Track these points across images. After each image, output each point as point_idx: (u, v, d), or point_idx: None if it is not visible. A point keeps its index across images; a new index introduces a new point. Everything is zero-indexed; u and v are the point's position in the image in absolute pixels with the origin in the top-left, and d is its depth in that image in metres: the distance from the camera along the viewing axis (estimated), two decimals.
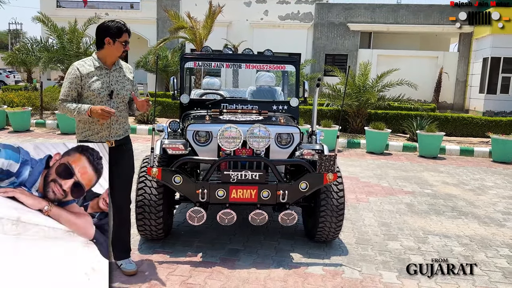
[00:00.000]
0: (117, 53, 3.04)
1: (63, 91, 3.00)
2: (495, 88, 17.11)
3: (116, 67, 3.10)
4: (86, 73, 2.98)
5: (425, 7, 19.80)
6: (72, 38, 12.40)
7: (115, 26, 2.99)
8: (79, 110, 2.92)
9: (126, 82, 3.14)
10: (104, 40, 2.98)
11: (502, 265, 3.74)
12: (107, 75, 3.05)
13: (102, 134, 3.04)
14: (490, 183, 6.99)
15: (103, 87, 3.00)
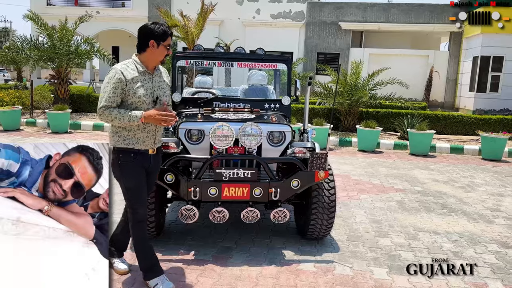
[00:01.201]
0: (160, 57, 2.88)
1: (106, 97, 2.76)
2: (484, 87, 17.28)
3: (157, 72, 2.97)
4: (131, 78, 2.80)
5: (416, 6, 19.94)
6: (63, 37, 12.29)
7: (161, 29, 2.83)
8: (130, 118, 2.73)
9: (166, 87, 3.01)
10: (148, 42, 2.81)
11: (491, 260, 3.80)
12: (150, 81, 2.89)
13: (147, 142, 2.90)
14: (480, 180, 7.08)
15: (147, 93, 2.84)
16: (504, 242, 4.28)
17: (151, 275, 2.99)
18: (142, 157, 2.89)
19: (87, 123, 10.88)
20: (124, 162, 2.86)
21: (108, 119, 2.78)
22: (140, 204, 2.96)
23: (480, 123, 11.51)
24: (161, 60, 2.90)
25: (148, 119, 2.76)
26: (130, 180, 2.90)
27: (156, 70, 2.95)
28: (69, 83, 13.01)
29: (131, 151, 2.86)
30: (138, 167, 2.89)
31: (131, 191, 2.93)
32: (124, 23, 22.25)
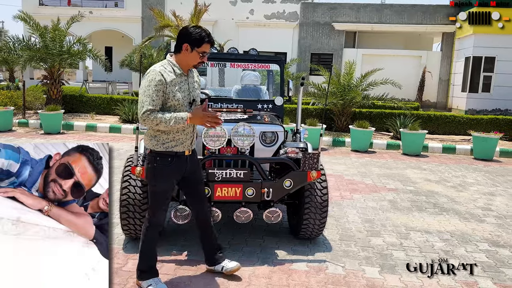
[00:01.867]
0: (192, 62, 2.83)
1: (149, 101, 2.69)
2: (477, 87, 17.44)
3: (191, 73, 2.95)
4: (170, 81, 2.76)
5: (409, 7, 20.07)
6: (55, 37, 12.22)
7: (197, 34, 2.77)
8: (176, 120, 2.69)
9: (198, 88, 3.01)
10: (183, 45, 2.78)
11: (481, 259, 3.83)
12: (186, 82, 2.87)
13: (186, 143, 2.88)
14: (471, 180, 7.14)
15: (185, 96, 2.83)
16: (495, 241, 4.32)
17: (146, 276, 2.99)
18: (179, 160, 2.88)
19: (80, 124, 10.83)
20: (160, 165, 2.85)
21: (153, 123, 2.70)
22: (160, 209, 2.96)
23: (472, 123, 11.60)
24: (192, 65, 2.86)
25: (193, 120, 2.75)
26: (162, 185, 2.90)
27: (189, 71, 2.94)
28: (61, 83, 12.93)
29: (169, 154, 2.84)
30: (173, 172, 2.89)
31: (158, 195, 2.92)
32: (117, 23, 22.17)
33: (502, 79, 17.04)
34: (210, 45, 2.83)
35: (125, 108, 11.58)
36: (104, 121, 11.71)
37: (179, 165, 2.89)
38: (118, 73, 22.11)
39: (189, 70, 2.92)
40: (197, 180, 3.07)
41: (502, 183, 6.97)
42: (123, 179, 3.57)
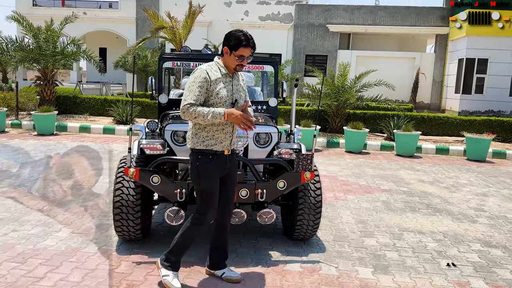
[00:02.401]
0: (231, 64, 2.91)
1: (192, 95, 2.81)
2: (470, 89, 17.58)
3: (236, 75, 3.03)
4: (215, 79, 2.87)
5: (402, 9, 20.20)
6: (49, 38, 12.16)
7: (235, 37, 2.85)
8: (213, 114, 2.77)
9: (242, 91, 3.07)
10: (223, 48, 2.89)
11: (474, 259, 3.86)
12: (230, 83, 2.95)
13: (225, 143, 2.94)
14: (464, 180, 7.19)
15: (228, 95, 2.91)
16: (487, 241, 4.35)
17: (169, 265, 3.05)
18: (219, 159, 2.94)
19: (74, 125, 10.78)
20: (202, 163, 2.92)
21: (192, 116, 2.80)
22: (212, 207, 2.98)
23: (465, 124, 11.68)
24: (232, 67, 2.93)
25: (230, 117, 2.79)
26: (207, 182, 2.93)
27: (235, 73, 3.00)
28: (55, 84, 12.87)
29: (209, 152, 2.91)
30: (215, 169, 2.94)
31: (206, 193, 2.95)
32: (111, 24, 22.12)
33: (495, 81, 17.19)
34: (249, 48, 2.86)
35: (119, 109, 11.54)
36: (98, 122, 11.66)
37: (220, 164, 2.95)
38: (112, 74, 22.05)
39: (235, 73, 3.00)
40: (231, 182, 3.11)
41: (494, 184, 7.02)
42: (117, 181, 3.56)
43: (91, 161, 7.29)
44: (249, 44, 2.85)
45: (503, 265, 3.77)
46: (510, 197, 6.18)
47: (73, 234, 3.97)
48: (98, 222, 4.34)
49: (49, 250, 3.59)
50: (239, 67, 2.93)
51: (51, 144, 8.79)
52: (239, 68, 2.94)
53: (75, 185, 5.70)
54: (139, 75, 19.62)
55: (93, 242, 3.81)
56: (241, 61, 2.88)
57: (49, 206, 4.76)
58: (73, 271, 3.23)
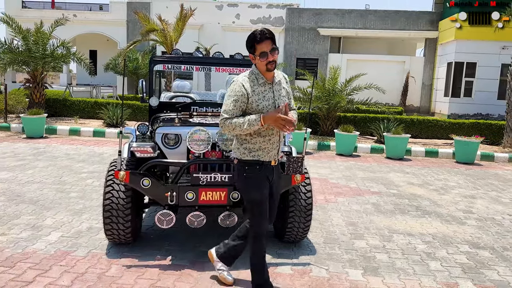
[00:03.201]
0: (261, 67, 2.75)
1: (227, 109, 2.74)
2: (459, 92, 17.79)
3: (276, 80, 2.86)
4: (252, 91, 2.74)
5: (392, 13, 20.40)
6: (38, 40, 12.08)
7: (249, 40, 2.72)
8: (249, 122, 2.66)
9: (286, 95, 2.91)
10: (249, 56, 2.78)
11: (462, 261, 3.90)
12: (270, 90, 2.81)
13: (271, 153, 2.84)
14: (453, 183, 7.27)
15: (269, 104, 2.77)
16: (475, 242, 4.40)
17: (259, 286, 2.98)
18: (266, 169, 2.86)
19: (63, 128, 10.69)
20: (250, 174, 2.83)
21: (229, 129, 2.74)
22: (263, 217, 2.89)
23: (454, 127, 11.82)
24: (264, 70, 2.76)
25: (267, 121, 2.67)
26: (256, 193, 2.84)
27: (275, 78, 2.86)
28: (45, 87, 12.77)
29: (256, 163, 2.82)
30: (263, 179, 2.85)
31: (256, 204, 2.86)
32: (102, 26, 22.03)
33: (483, 84, 17.42)
34: (265, 42, 2.68)
35: (109, 112, 11.48)
36: (88, 125, 11.58)
37: (267, 173, 2.87)
38: (102, 76, 21.93)
39: (275, 77, 2.85)
40: (272, 193, 2.99)
41: (483, 186, 7.11)
42: (107, 184, 3.54)
43: (81, 164, 7.24)
44: (263, 37, 2.68)
45: (490, 266, 3.82)
46: (497, 199, 6.27)
47: (62, 238, 3.94)
48: (88, 225, 4.31)
49: (38, 254, 3.56)
50: (270, 65, 2.72)
51: (40, 147, 8.71)
52: (270, 66, 2.73)
53: (64, 188, 5.65)
54: (130, 78, 19.56)
55: (82, 245, 3.78)
56: (265, 58, 2.70)
57: (39, 209, 4.72)
58: (62, 275, 3.20)
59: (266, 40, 2.68)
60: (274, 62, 2.72)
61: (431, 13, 20.30)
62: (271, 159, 2.86)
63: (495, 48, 17.07)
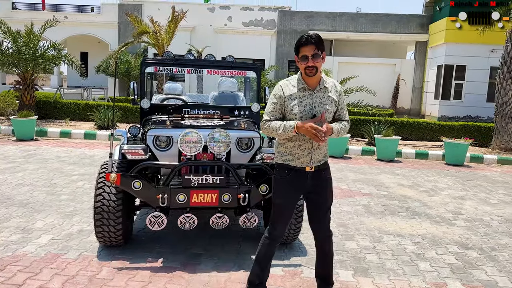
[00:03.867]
0: (302, 70, 2.75)
1: (267, 111, 2.81)
2: (449, 94, 17.98)
3: (320, 87, 2.78)
4: (289, 95, 2.75)
5: (383, 16, 20.57)
6: (28, 42, 11.99)
7: (296, 42, 2.75)
8: (284, 128, 2.68)
9: (330, 103, 2.80)
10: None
11: (451, 261, 3.96)
12: (310, 97, 2.76)
13: (303, 160, 2.77)
14: (443, 184, 7.35)
15: (305, 110, 2.73)
16: (464, 243, 4.46)
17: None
18: (296, 175, 2.79)
19: (54, 130, 10.62)
20: (278, 177, 2.85)
21: (267, 131, 2.79)
22: (281, 223, 2.88)
23: (444, 130, 11.95)
24: (304, 74, 2.75)
25: (300, 130, 2.65)
26: (278, 196, 2.85)
27: (319, 85, 2.79)
28: (35, 89, 12.67)
29: (286, 167, 2.81)
30: (290, 186, 2.81)
31: (276, 207, 2.87)
32: (93, 28, 21.92)
33: (472, 87, 17.62)
34: (309, 46, 2.67)
35: (101, 114, 11.43)
36: (79, 127, 11.52)
37: (297, 180, 2.80)
38: (94, 78, 21.82)
39: (320, 84, 2.78)
40: (318, 202, 2.88)
41: (472, 188, 7.20)
42: (97, 186, 3.54)
43: (72, 166, 7.20)
44: (307, 41, 2.67)
45: (479, 266, 3.88)
46: (486, 200, 6.35)
47: (53, 241, 3.92)
48: (79, 228, 4.29)
49: (28, 256, 3.54)
50: (308, 70, 2.69)
51: (30, 149, 8.64)
52: (309, 71, 2.69)
53: (55, 191, 5.62)
54: (122, 80, 19.48)
55: (73, 248, 3.77)
56: (305, 62, 2.68)
57: (29, 212, 4.69)
58: (53, 278, 3.19)
59: (310, 44, 2.67)
60: (313, 68, 2.68)
61: (421, 17, 20.51)
62: (302, 165, 2.78)
63: (484, 51, 17.28)
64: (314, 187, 2.83)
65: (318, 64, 2.68)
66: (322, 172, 2.85)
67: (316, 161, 2.81)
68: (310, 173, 2.80)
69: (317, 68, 2.70)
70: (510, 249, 4.37)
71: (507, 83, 11.36)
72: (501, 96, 11.38)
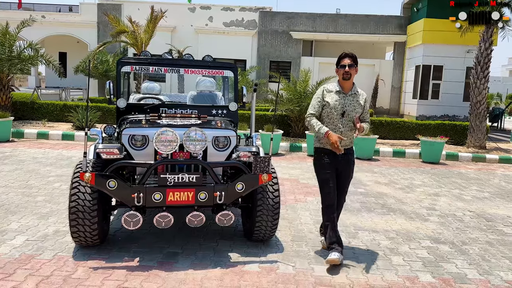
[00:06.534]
0: (339, 76, 3.76)
1: (312, 107, 3.81)
2: (426, 94, 18.33)
3: (351, 92, 3.77)
4: (328, 93, 3.77)
5: (362, 17, 20.84)
6: (4, 41, 11.75)
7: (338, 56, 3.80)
8: (319, 129, 3.67)
9: (357, 107, 3.76)
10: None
11: (423, 255, 4.07)
12: (343, 98, 3.74)
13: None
14: (419, 181, 7.52)
15: (337, 107, 3.70)
16: (436, 238, 4.59)
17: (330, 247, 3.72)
18: (330, 156, 3.73)
19: (31, 131, 10.44)
20: (317, 158, 3.84)
21: (309, 125, 3.79)
22: (327, 192, 3.75)
23: (421, 128, 12.20)
24: (341, 78, 3.74)
25: (329, 137, 3.60)
26: (320, 174, 3.80)
27: (351, 91, 3.77)
28: (11, 89, 12.41)
29: (322, 150, 3.77)
30: (326, 164, 3.74)
31: (320, 183, 3.81)
32: (72, 28, 21.58)
33: (449, 87, 18.01)
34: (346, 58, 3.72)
35: (79, 115, 11.28)
36: (57, 128, 11.34)
37: (331, 159, 3.73)
38: (72, 79, 21.48)
39: (352, 90, 3.77)
40: (343, 177, 3.84)
41: (446, 184, 7.39)
42: (72, 186, 3.52)
43: (49, 167, 7.10)
44: (346, 55, 3.72)
45: (449, 259, 4.00)
46: (460, 197, 6.53)
47: (28, 242, 3.88)
48: (54, 228, 4.25)
49: (2, 258, 3.50)
50: (345, 75, 3.69)
51: (6, 151, 8.48)
52: (345, 75, 3.69)
53: (31, 192, 5.55)
54: (101, 80, 19.24)
55: (48, 249, 3.74)
56: (343, 69, 3.69)
57: (3, 214, 4.62)
58: (27, 278, 3.16)
59: (348, 57, 3.72)
60: (349, 74, 3.69)
61: (399, 18, 20.85)
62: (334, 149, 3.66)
63: (460, 52, 17.68)
64: (343, 166, 3.79)
65: (352, 72, 3.71)
66: (348, 155, 3.80)
67: (344, 146, 3.73)
68: (340, 155, 3.71)
69: (351, 75, 3.71)
70: (480, 243, 4.51)
71: (480, 82, 11.66)
72: (475, 95, 11.68)
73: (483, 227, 5.06)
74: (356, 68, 3.74)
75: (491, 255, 4.18)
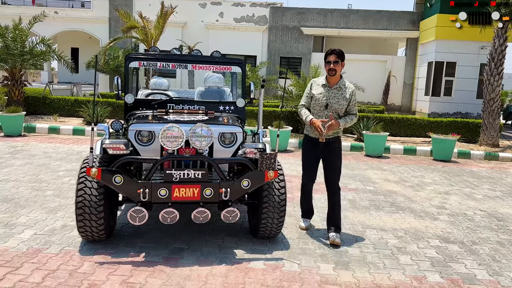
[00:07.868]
0: (326, 71, 4.06)
1: (303, 98, 4.27)
2: (439, 91, 18.08)
3: (337, 86, 4.09)
4: (315, 87, 4.17)
5: (374, 12, 20.60)
6: (16, 37, 11.88)
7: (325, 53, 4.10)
8: (306, 117, 4.12)
9: (341, 100, 4.07)
10: None
11: (431, 255, 4.01)
12: (328, 91, 4.09)
13: (316, 133, 4.07)
14: (429, 180, 7.42)
15: (321, 100, 4.08)
16: (446, 237, 4.52)
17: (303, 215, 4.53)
18: (313, 143, 4.16)
19: (42, 126, 10.55)
20: (303, 143, 4.32)
21: (300, 114, 4.22)
22: (306, 174, 4.30)
23: (432, 126, 12.04)
24: (327, 74, 4.05)
25: (312, 123, 4.01)
26: (303, 157, 4.29)
27: (337, 84, 4.09)
28: (23, 84, 12.56)
29: (306, 137, 4.25)
30: (309, 149, 4.21)
31: (303, 165, 4.31)
32: (83, 24, 21.75)
33: (462, 84, 17.74)
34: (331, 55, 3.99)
35: (90, 110, 11.37)
36: (68, 123, 11.45)
37: (313, 146, 4.15)
38: (84, 74, 21.68)
39: (337, 84, 4.08)
40: (328, 163, 4.21)
41: (457, 183, 7.28)
42: (79, 181, 3.53)
43: (59, 162, 7.17)
44: (332, 52, 3.99)
45: (459, 259, 3.93)
46: (471, 196, 6.43)
47: (35, 236, 3.91)
48: (62, 223, 4.29)
49: (9, 251, 3.53)
50: (330, 71, 4.01)
51: (18, 145, 8.59)
52: (330, 72, 4.01)
53: (41, 186, 5.60)
54: (112, 76, 19.36)
55: (56, 243, 3.77)
56: (328, 65, 3.99)
57: (13, 207, 4.67)
58: (33, 272, 3.19)
59: (333, 54, 3.99)
60: (333, 70, 4.00)
61: (412, 13, 20.58)
62: (317, 137, 4.06)
63: (474, 48, 17.39)
64: (325, 154, 4.15)
65: (337, 68, 4.00)
66: (331, 144, 4.11)
67: (326, 136, 4.01)
68: (322, 144, 4.05)
69: (336, 71, 4.00)
70: (490, 243, 4.43)
71: (494, 79, 11.45)
72: (489, 92, 11.47)
73: (494, 227, 4.97)
74: (342, 63, 4.01)
75: (502, 255, 4.10)
